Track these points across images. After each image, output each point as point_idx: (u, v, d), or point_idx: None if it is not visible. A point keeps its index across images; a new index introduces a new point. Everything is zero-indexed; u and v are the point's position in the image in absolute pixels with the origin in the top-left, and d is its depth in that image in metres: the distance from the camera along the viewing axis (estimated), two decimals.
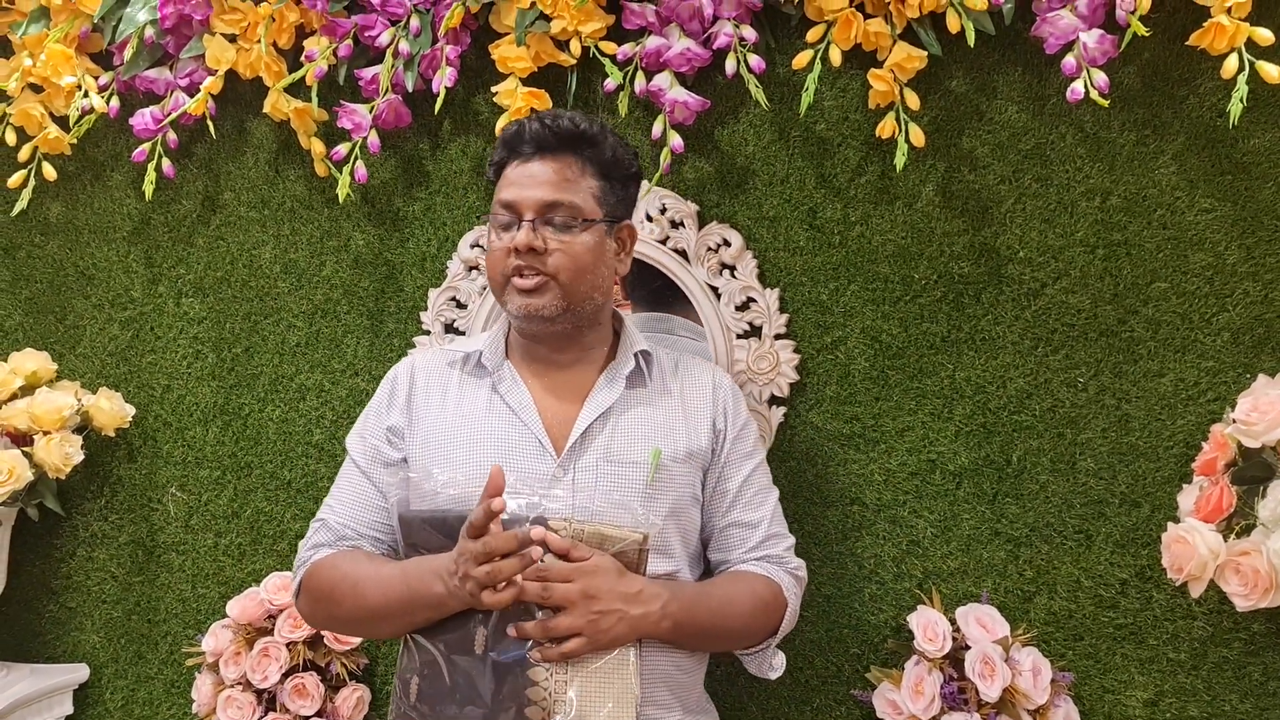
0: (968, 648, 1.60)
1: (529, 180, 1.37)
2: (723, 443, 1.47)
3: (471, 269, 1.87)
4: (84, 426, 1.93)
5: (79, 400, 1.91)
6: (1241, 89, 1.46)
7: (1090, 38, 1.53)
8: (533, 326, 1.41)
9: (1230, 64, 1.48)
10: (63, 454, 1.83)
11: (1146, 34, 1.49)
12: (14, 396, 1.88)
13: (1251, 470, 1.38)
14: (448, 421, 1.42)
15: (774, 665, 1.48)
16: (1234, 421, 1.40)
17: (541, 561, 1.22)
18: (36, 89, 1.98)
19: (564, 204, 1.36)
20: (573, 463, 1.38)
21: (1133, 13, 1.49)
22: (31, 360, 1.92)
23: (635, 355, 1.46)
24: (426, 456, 1.40)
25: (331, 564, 1.38)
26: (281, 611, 1.86)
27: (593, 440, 1.39)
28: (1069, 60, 1.54)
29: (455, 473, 1.35)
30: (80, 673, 2.03)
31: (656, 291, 1.80)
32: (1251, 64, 1.46)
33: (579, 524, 1.28)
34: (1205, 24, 1.49)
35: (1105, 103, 1.51)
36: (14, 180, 1.96)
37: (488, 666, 1.22)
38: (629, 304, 1.89)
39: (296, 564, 1.44)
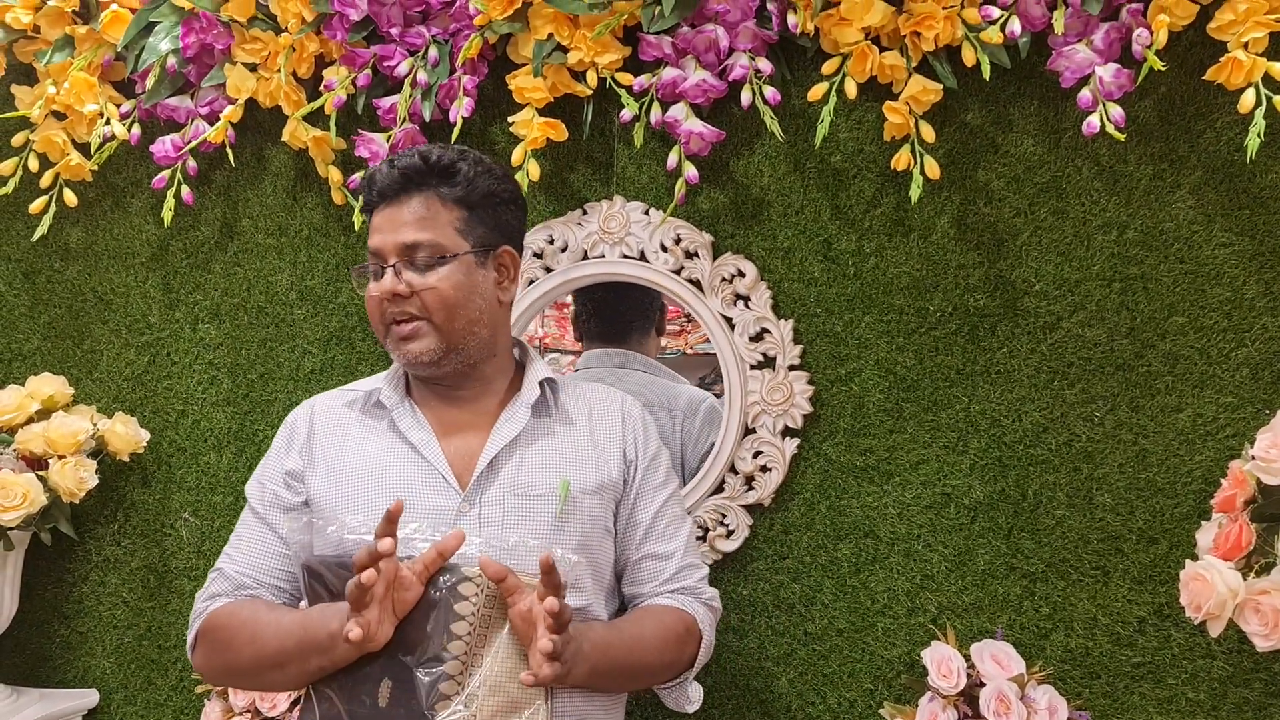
0: (983, 685, 1.58)
1: (388, 224, 1.37)
2: (634, 473, 1.45)
3: None
4: (99, 451, 1.94)
5: (94, 425, 1.92)
6: (1259, 124, 1.46)
7: (1106, 72, 1.53)
8: (421, 372, 1.40)
9: (1247, 99, 1.47)
10: (77, 478, 1.84)
11: (1163, 68, 1.49)
12: (30, 420, 1.89)
13: (1271, 507, 1.37)
14: (348, 462, 1.39)
15: (690, 698, 1.46)
16: (1253, 458, 1.38)
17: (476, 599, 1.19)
18: (59, 116, 2.01)
19: (423, 243, 1.35)
20: (478, 496, 1.35)
21: (1149, 47, 1.49)
22: (48, 385, 1.94)
23: (540, 384, 1.44)
24: (328, 498, 1.37)
25: (229, 612, 1.34)
26: None
27: (498, 473, 1.37)
28: (1085, 94, 1.53)
29: (360, 514, 1.30)
30: (90, 698, 2.03)
31: (608, 324, 1.81)
32: (1269, 99, 1.46)
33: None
34: (1222, 59, 1.48)
35: (1121, 137, 1.51)
36: (36, 206, 1.98)
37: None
38: (579, 345, 1.91)
39: (192, 616, 1.39)
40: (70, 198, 1.98)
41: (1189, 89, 1.59)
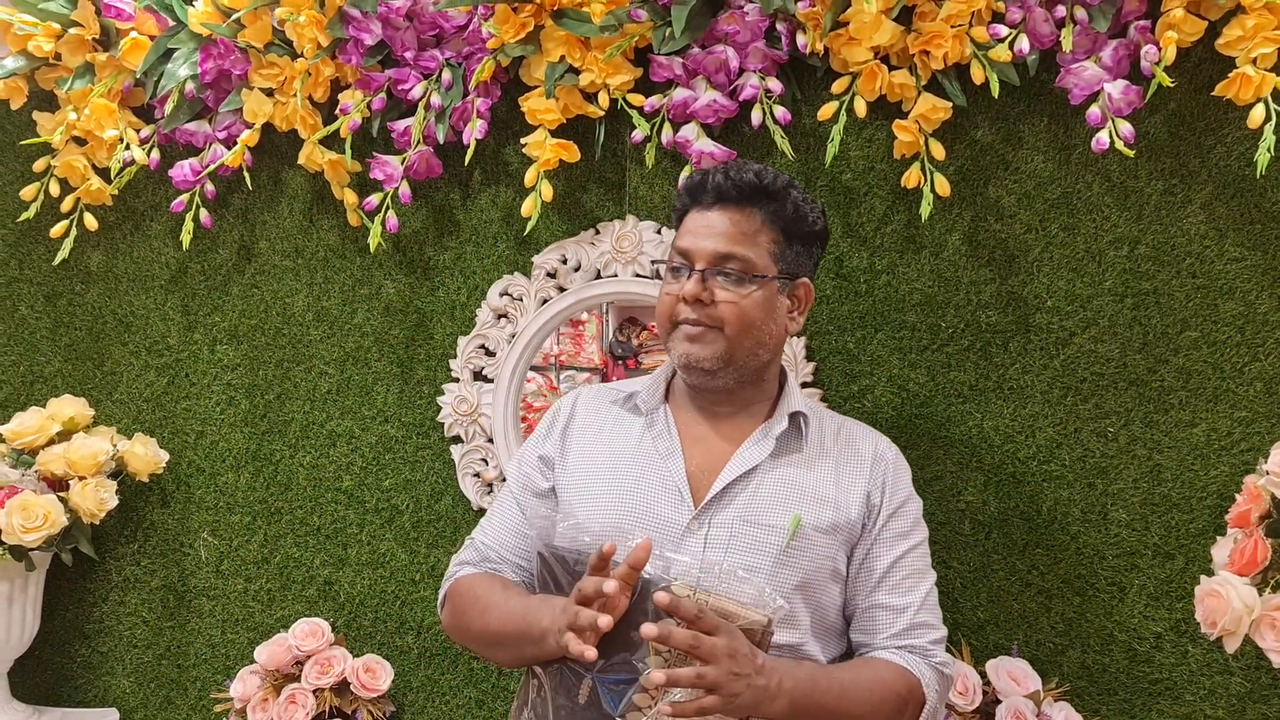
0: (999, 701, 1.58)
1: (705, 230, 1.35)
2: (876, 518, 1.39)
3: (500, 317, 1.89)
4: (119, 471, 1.95)
5: (114, 446, 1.94)
6: (1269, 139, 1.46)
7: (1115, 88, 1.53)
8: (694, 378, 1.40)
9: (1257, 114, 1.48)
10: (98, 499, 1.86)
11: (1172, 84, 1.49)
12: (51, 442, 1.91)
13: None
14: (595, 455, 1.43)
15: None
16: (1267, 473, 1.38)
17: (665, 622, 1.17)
18: (80, 141, 2.04)
19: (737, 257, 1.33)
20: (709, 517, 1.35)
21: (1158, 63, 1.50)
22: (69, 406, 1.96)
23: (789, 416, 1.41)
24: (572, 485, 1.42)
25: (470, 585, 1.41)
26: (309, 657, 1.86)
27: (733, 497, 1.35)
28: (1094, 111, 1.54)
29: (593, 508, 1.35)
30: (110, 717, 2.04)
31: None
32: (1278, 114, 1.46)
33: (704, 593, 1.19)
34: (1231, 74, 1.49)
35: (1131, 153, 1.52)
36: (57, 230, 2.01)
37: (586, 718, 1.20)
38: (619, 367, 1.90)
39: (445, 577, 1.47)
40: (91, 222, 2.01)
41: (1198, 104, 1.59)
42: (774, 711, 1.18)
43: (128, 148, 1.96)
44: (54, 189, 2.02)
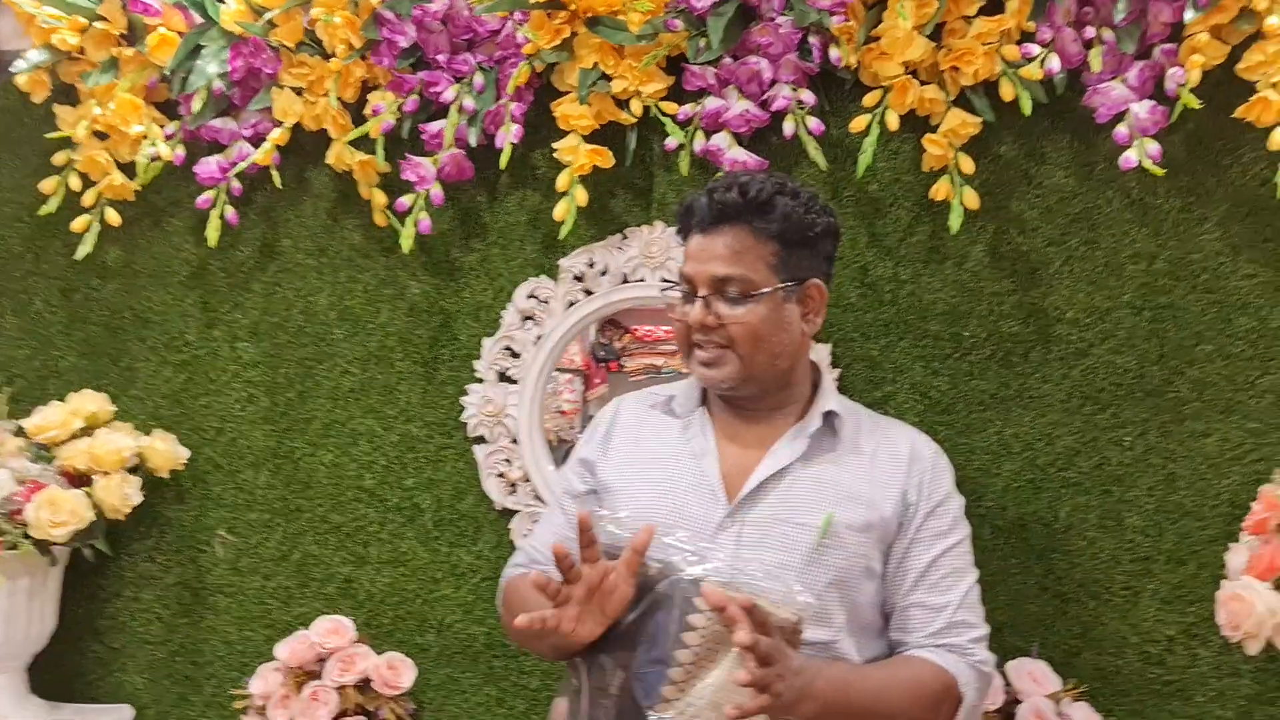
0: (1019, 701, 1.62)
1: (702, 254, 1.38)
2: (912, 517, 1.40)
3: (527, 319, 1.91)
4: (137, 468, 1.95)
5: (135, 442, 1.93)
6: None
7: (1142, 108, 1.58)
8: (717, 392, 1.45)
9: (1276, 137, 1.53)
10: (122, 495, 1.85)
11: (1199, 106, 1.54)
12: (73, 437, 1.90)
13: None
14: (634, 456, 1.47)
15: None
16: None
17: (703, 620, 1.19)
18: (101, 136, 2.03)
19: (735, 277, 1.35)
20: (743, 515, 1.37)
21: (1183, 85, 1.55)
22: (91, 401, 1.95)
23: (824, 415, 1.43)
24: (613, 486, 1.45)
25: (516, 584, 1.47)
26: (331, 655, 1.87)
27: (767, 495, 1.38)
28: (1120, 130, 1.59)
29: (632, 505, 1.37)
30: (124, 714, 2.03)
31: None
32: None
33: (735, 590, 1.17)
34: (1252, 98, 1.54)
35: (1160, 172, 1.57)
36: (78, 224, 2.00)
37: (614, 711, 1.22)
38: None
39: (501, 578, 1.56)
40: (113, 217, 2.00)
41: (1216, 125, 1.65)
42: (807, 712, 1.18)
43: (153, 144, 1.95)
44: (74, 183, 2.01)
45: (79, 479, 1.88)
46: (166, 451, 1.95)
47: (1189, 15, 1.54)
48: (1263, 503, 1.49)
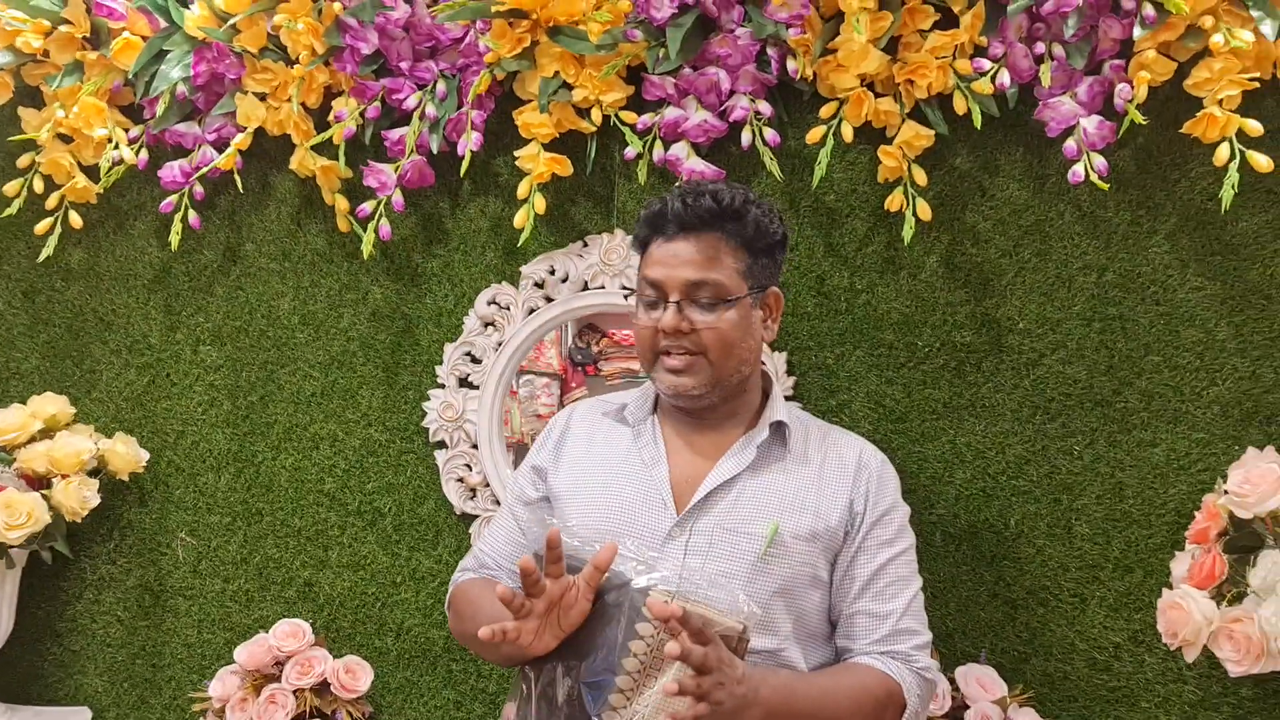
0: (967, 707, 1.64)
1: (673, 259, 1.38)
2: (858, 526, 1.42)
3: (487, 325, 1.92)
4: (98, 470, 1.95)
5: (95, 444, 1.94)
6: (1233, 176, 1.54)
7: (1090, 123, 1.61)
8: (680, 402, 1.44)
9: (1222, 153, 1.56)
10: (80, 497, 1.86)
11: (1144, 122, 1.57)
12: (33, 439, 1.90)
13: (1243, 540, 1.44)
14: (585, 463, 1.49)
15: None
16: (1226, 492, 1.46)
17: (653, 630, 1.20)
18: (65, 139, 2.03)
19: (708, 283, 1.37)
20: (690, 524, 1.39)
21: (1130, 101, 1.57)
22: (51, 404, 1.95)
23: (772, 425, 1.44)
24: (564, 493, 1.47)
25: (464, 589, 1.50)
26: (289, 658, 1.88)
27: (715, 505, 1.40)
28: (1070, 144, 1.62)
29: (583, 513, 1.40)
30: (83, 716, 2.03)
31: None
32: (1242, 153, 1.54)
33: (681, 599, 1.19)
34: (1198, 115, 1.57)
35: (1105, 186, 1.59)
36: (41, 227, 2.00)
37: (562, 718, 1.23)
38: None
39: (450, 583, 1.57)
40: (76, 220, 2.01)
41: (1165, 140, 1.67)
42: (751, 719, 1.19)
43: (116, 147, 1.96)
44: (38, 186, 2.01)
45: (38, 481, 1.88)
46: (127, 454, 1.95)
47: (1138, 32, 1.57)
48: (1204, 512, 1.52)
